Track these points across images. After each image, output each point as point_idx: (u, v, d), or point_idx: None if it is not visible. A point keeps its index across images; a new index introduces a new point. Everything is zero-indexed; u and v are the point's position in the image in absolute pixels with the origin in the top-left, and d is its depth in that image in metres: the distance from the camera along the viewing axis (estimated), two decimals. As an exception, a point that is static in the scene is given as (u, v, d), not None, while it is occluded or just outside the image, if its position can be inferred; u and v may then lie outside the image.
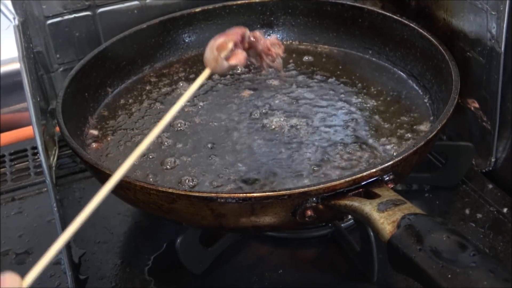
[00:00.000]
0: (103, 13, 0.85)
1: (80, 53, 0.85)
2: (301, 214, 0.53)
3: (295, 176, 0.63)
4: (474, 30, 0.70)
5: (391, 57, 0.82)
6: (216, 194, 0.53)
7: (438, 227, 0.45)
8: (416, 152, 0.56)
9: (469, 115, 0.74)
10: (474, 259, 0.42)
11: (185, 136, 0.71)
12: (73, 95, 0.71)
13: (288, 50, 0.88)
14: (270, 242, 0.68)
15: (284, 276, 0.64)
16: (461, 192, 0.73)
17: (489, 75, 0.68)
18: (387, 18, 0.81)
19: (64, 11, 0.83)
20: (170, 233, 0.69)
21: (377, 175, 0.54)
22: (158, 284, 0.64)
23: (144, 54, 0.85)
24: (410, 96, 0.75)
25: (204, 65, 0.57)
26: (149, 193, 0.54)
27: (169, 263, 0.66)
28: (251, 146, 0.68)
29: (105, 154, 0.70)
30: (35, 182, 0.81)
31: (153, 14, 0.87)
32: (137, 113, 0.77)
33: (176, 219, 0.59)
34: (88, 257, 0.68)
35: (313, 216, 0.53)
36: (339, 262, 0.65)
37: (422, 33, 0.75)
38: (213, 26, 0.88)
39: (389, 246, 0.47)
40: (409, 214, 0.47)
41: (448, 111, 0.61)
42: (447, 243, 0.44)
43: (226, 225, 0.57)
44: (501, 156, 0.73)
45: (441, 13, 0.76)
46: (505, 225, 0.68)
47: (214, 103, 0.78)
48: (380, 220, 0.48)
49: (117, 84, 0.82)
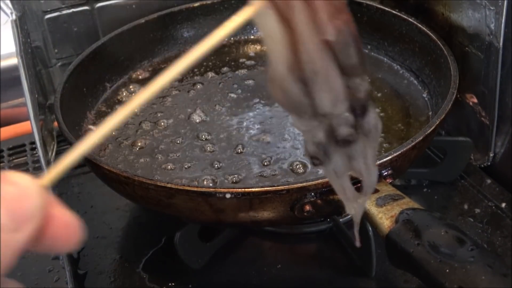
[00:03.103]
0: (102, 8, 0.85)
1: (78, 48, 0.84)
2: (299, 209, 0.54)
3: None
4: (472, 25, 0.70)
5: (389, 52, 0.81)
6: (215, 189, 0.53)
7: (436, 222, 0.45)
8: (415, 147, 0.56)
9: (468, 110, 0.74)
10: (472, 254, 0.42)
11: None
12: (71, 90, 0.71)
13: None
14: (268, 237, 0.68)
15: (282, 271, 0.64)
16: (459, 187, 0.73)
17: (488, 70, 0.68)
18: (386, 13, 0.81)
19: (62, 5, 0.83)
20: (169, 228, 0.69)
21: (375, 170, 0.54)
22: (156, 279, 0.64)
23: (143, 49, 0.85)
24: (409, 91, 0.75)
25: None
26: (147, 188, 0.54)
27: (167, 258, 0.66)
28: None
29: (103, 149, 0.70)
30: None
31: (151, 9, 0.87)
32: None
33: (175, 214, 0.59)
34: (86, 252, 0.68)
35: (311, 211, 0.53)
36: (337, 257, 0.65)
37: (421, 28, 0.75)
38: (212, 21, 0.88)
39: (387, 241, 0.47)
40: (408, 209, 0.48)
41: (447, 106, 0.61)
42: (445, 238, 0.44)
43: (224, 220, 0.57)
44: (500, 151, 0.73)
45: (440, 8, 0.76)
46: (503, 220, 0.68)
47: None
48: (379, 215, 0.48)
49: (115, 79, 0.81)
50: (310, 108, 0.32)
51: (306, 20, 0.30)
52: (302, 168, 0.63)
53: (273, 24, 0.30)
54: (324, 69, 0.31)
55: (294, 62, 0.31)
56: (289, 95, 0.32)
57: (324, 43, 0.31)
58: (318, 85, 0.32)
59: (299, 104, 0.32)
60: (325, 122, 0.33)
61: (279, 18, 0.30)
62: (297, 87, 0.31)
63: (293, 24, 0.30)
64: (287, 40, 0.30)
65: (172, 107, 0.76)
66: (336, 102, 0.32)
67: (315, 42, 0.30)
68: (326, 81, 0.32)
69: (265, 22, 0.30)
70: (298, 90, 0.32)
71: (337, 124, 0.33)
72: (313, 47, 0.30)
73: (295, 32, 0.30)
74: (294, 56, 0.31)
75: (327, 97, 0.32)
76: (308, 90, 0.32)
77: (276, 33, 0.30)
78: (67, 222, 0.26)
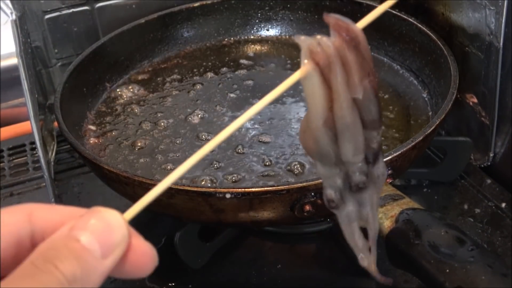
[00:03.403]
0: (102, 8, 0.85)
1: (78, 48, 0.84)
2: (299, 209, 0.54)
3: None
4: (473, 25, 0.70)
5: (389, 52, 0.81)
6: (215, 189, 0.53)
7: (436, 222, 0.45)
8: (415, 147, 0.56)
9: (468, 110, 0.74)
10: (472, 254, 0.42)
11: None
12: (71, 90, 0.71)
13: (286, 45, 0.88)
14: (269, 237, 0.68)
15: (283, 271, 0.64)
16: (459, 187, 0.73)
17: (488, 70, 0.68)
18: (385, 12, 0.79)
19: (62, 5, 0.83)
20: (169, 228, 0.69)
21: (375, 170, 0.54)
22: (156, 279, 0.64)
23: (143, 49, 0.85)
24: (409, 91, 0.75)
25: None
26: (147, 188, 0.54)
27: (167, 258, 0.66)
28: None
29: (103, 149, 0.70)
30: (34, 177, 0.81)
31: (151, 9, 0.87)
32: (137, 108, 0.76)
33: (175, 214, 0.59)
34: (86, 252, 0.68)
35: (311, 211, 0.53)
36: (337, 257, 0.65)
37: (421, 28, 0.75)
38: (212, 21, 0.88)
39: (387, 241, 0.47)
40: (408, 209, 0.48)
41: (447, 106, 0.61)
42: (445, 238, 0.44)
43: (224, 220, 0.57)
44: (500, 151, 0.73)
45: (440, 8, 0.76)
46: (503, 220, 0.68)
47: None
48: (379, 215, 0.48)
49: (115, 79, 0.81)
50: (335, 157, 0.37)
51: (342, 81, 0.35)
52: (300, 168, 0.63)
53: (316, 84, 0.35)
54: (352, 124, 0.36)
55: (329, 117, 0.35)
56: (321, 145, 0.36)
57: (354, 101, 0.35)
58: (346, 137, 0.36)
59: (327, 153, 0.37)
60: (343, 170, 0.38)
61: (322, 79, 0.35)
62: (328, 138, 0.36)
63: (332, 85, 0.35)
64: (326, 98, 0.35)
65: (172, 107, 0.76)
66: (356, 152, 0.37)
67: (348, 100, 0.35)
68: (352, 134, 0.36)
69: (310, 82, 0.35)
70: (329, 141, 0.36)
71: (352, 172, 0.38)
72: (346, 104, 0.35)
73: (333, 91, 0.35)
74: (330, 112, 0.35)
75: (351, 147, 0.37)
76: (336, 141, 0.36)
77: (318, 92, 0.35)
78: (145, 251, 0.31)
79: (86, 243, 0.28)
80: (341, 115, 0.35)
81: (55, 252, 0.27)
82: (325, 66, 0.34)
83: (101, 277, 0.29)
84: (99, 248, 0.28)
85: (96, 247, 0.28)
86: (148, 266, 0.31)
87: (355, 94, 0.35)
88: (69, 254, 0.28)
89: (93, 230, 0.29)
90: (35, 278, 0.26)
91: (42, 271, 0.27)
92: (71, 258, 0.27)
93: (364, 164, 0.38)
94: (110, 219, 0.30)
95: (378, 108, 0.37)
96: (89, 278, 0.28)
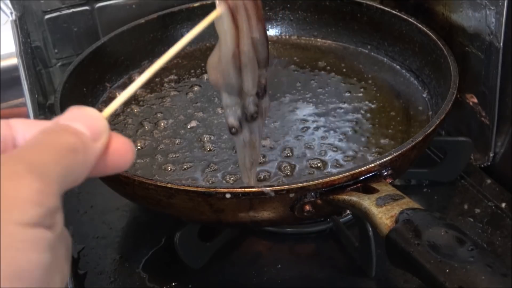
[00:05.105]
0: (102, 8, 0.85)
1: (78, 48, 0.84)
2: (299, 209, 0.53)
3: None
4: (473, 25, 0.70)
5: (389, 52, 0.81)
6: (215, 189, 0.53)
7: (436, 222, 0.45)
8: (415, 147, 0.56)
9: (468, 110, 0.74)
10: (472, 254, 0.42)
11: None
12: (71, 90, 0.71)
13: (287, 45, 0.88)
14: (268, 237, 0.68)
15: (282, 271, 0.64)
16: (459, 187, 0.73)
17: (488, 70, 0.68)
18: (386, 13, 0.81)
19: (62, 5, 0.83)
20: (168, 228, 0.69)
21: (375, 170, 0.54)
22: (156, 279, 0.64)
23: (143, 49, 0.85)
24: (409, 91, 0.75)
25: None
26: (147, 188, 0.54)
27: (167, 258, 0.66)
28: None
29: (104, 149, 0.69)
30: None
31: (151, 9, 0.87)
32: (136, 108, 0.76)
33: (175, 214, 0.59)
34: (86, 252, 0.68)
35: (311, 211, 0.53)
36: (337, 257, 0.65)
37: (421, 28, 0.75)
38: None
39: (387, 241, 0.47)
40: (408, 209, 0.47)
41: (447, 106, 0.61)
42: (445, 238, 0.44)
43: (224, 220, 0.57)
44: (500, 151, 0.73)
45: (440, 8, 0.76)
46: (503, 220, 0.68)
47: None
48: (379, 215, 0.48)
49: (115, 79, 0.81)
50: (238, 88, 0.45)
51: (246, 21, 0.43)
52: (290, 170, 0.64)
53: (227, 22, 0.43)
54: (252, 60, 0.44)
55: (236, 52, 0.43)
56: (229, 76, 0.44)
57: (253, 40, 0.44)
58: (248, 70, 0.44)
59: (234, 84, 0.45)
60: (242, 102, 0.46)
61: (231, 18, 0.42)
62: (234, 72, 0.44)
63: (238, 24, 0.43)
64: (234, 35, 0.43)
65: (171, 107, 0.76)
66: (254, 84, 0.45)
67: (249, 38, 0.43)
68: (252, 68, 0.45)
69: (222, 21, 0.43)
70: (235, 74, 0.44)
71: (248, 103, 0.46)
72: (248, 41, 0.44)
73: (239, 30, 0.43)
74: (236, 48, 0.43)
75: (251, 80, 0.45)
76: (240, 74, 0.45)
77: (229, 29, 0.43)
78: (123, 141, 0.33)
79: (78, 127, 0.30)
80: (246, 50, 0.43)
81: (54, 131, 0.30)
82: (234, 8, 0.42)
83: (95, 160, 0.31)
84: (90, 133, 0.31)
85: (87, 132, 0.30)
86: (128, 155, 0.33)
87: (253, 33, 0.43)
88: (67, 131, 0.30)
89: (81, 119, 0.31)
90: (37, 148, 0.28)
91: (44, 142, 0.29)
92: (70, 133, 0.30)
93: (256, 97, 0.46)
94: (91, 112, 0.32)
95: (267, 49, 0.45)
96: (87, 157, 0.30)
